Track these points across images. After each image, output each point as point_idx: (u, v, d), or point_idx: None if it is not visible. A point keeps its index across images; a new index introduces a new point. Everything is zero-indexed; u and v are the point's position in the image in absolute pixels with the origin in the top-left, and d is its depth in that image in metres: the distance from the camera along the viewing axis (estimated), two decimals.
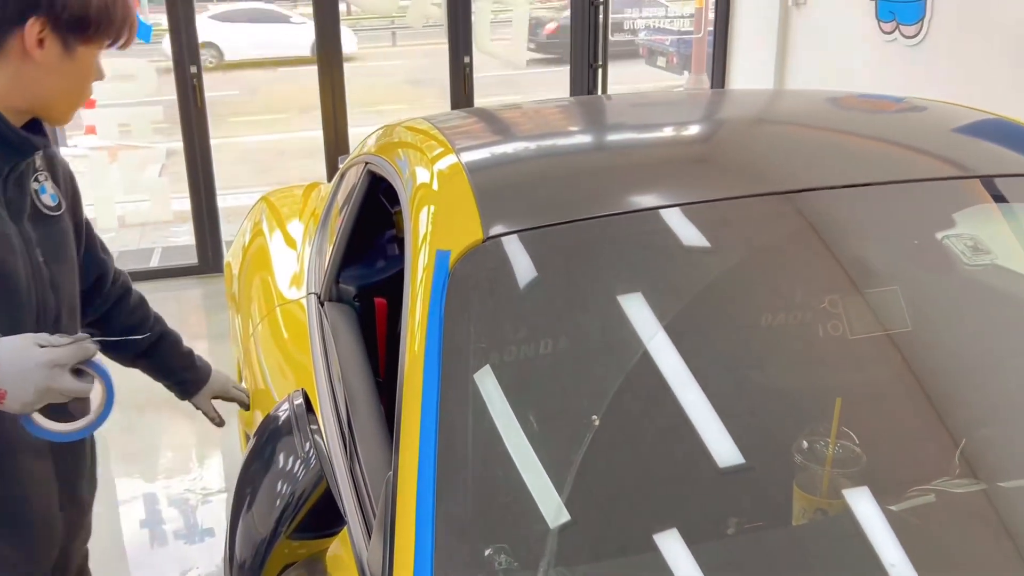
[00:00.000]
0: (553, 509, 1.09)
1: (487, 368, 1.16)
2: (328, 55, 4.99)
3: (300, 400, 1.13)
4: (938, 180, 1.51)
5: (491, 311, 1.25)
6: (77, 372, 1.14)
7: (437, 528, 1.01)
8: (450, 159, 1.54)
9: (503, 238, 1.30)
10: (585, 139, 1.87)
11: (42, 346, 1.11)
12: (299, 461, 1.06)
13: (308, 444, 1.07)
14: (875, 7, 4.40)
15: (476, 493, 1.08)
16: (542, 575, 1.03)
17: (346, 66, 5.12)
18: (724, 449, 1.21)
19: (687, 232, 1.39)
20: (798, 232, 1.43)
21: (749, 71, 5.38)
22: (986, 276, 1.35)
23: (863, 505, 1.17)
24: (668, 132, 1.89)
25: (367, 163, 1.93)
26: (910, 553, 1.09)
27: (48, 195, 1.32)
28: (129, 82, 4.68)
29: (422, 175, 1.55)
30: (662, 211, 1.39)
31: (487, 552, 1.05)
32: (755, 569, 1.13)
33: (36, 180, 1.31)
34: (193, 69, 4.75)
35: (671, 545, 1.11)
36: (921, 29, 4.14)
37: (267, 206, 2.86)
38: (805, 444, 1.23)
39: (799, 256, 1.41)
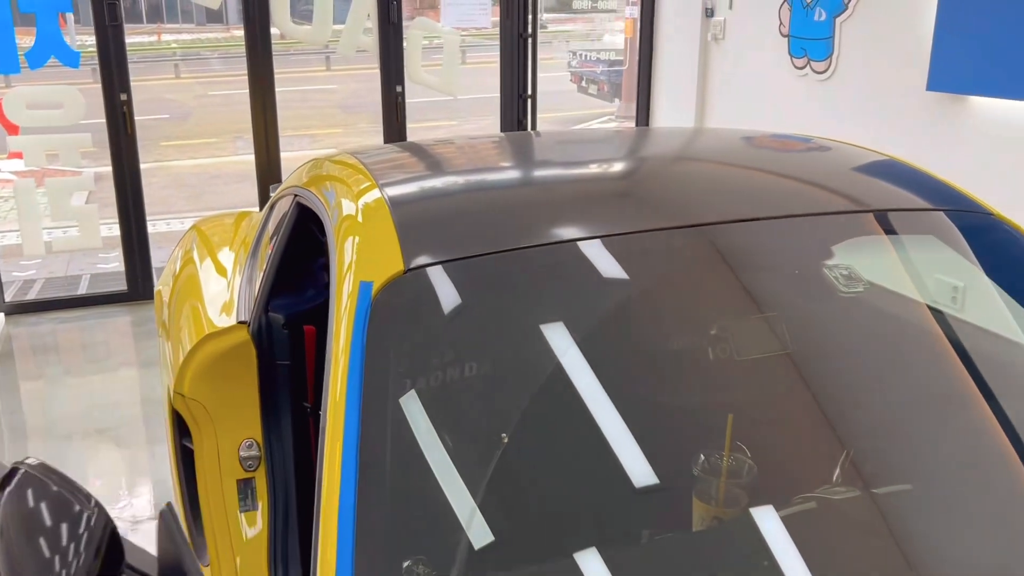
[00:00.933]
0: (469, 522, 1.17)
1: (406, 393, 1.24)
2: (260, 80, 5.03)
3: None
4: (831, 214, 1.64)
5: (410, 339, 1.33)
6: None
7: (358, 543, 1.08)
8: (374, 193, 1.62)
9: (423, 269, 1.37)
10: (505, 174, 1.97)
11: None
12: None
13: None
14: (787, 43, 4.64)
15: (395, 509, 1.16)
16: None
17: (279, 91, 5.17)
18: (632, 464, 1.30)
19: (598, 262, 1.48)
20: (702, 263, 1.54)
21: (673, 101, 5.59)
22: (862, 300, 1.48)
23: (753, 512, 1.27)
24: (587, 169, 1.99)
25: (296, 195, 2.00)
26: (795, 553, 1.20)
27: None
28: (56, 108, 4.64)
29: (347, 207, 1.62)
30: (575, 243, 1.49)
31: (406, 564, 1.13)
32: (658, 573, 1.22)
33: None
34: (123, 96, 4.75)
35: (582, 553, 1.20)
36: (830, 65, 4.38)
37: (198, 234, 2.90)
38: (702, 458, 1.33)
39: (700, 285, 1.52)
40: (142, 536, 2.97)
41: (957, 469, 1.38)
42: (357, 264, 1.41)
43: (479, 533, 1.17)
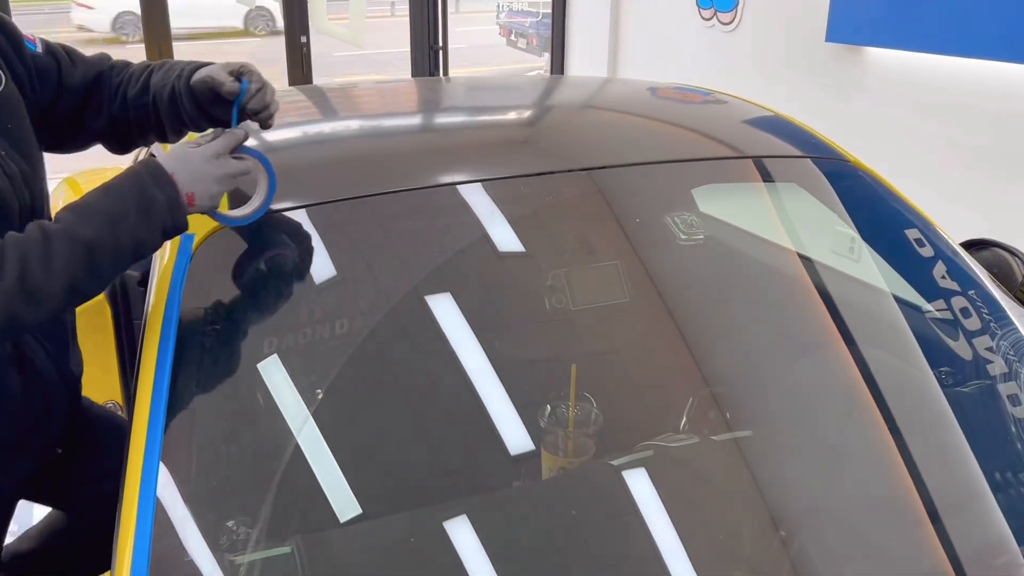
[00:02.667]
0: (288, 478, 1.13)
1: (223, 349, 1.19)
2: (155, 31, 4.82)
3: None
4: (694, 161, 1.64)
5: (229, 294, 1.28)
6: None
7: (160, 505, 1.03)
8: None
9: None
10: (370, 122, 1.90)
11: (194, 147, 1.20)
12: None
13: None
14: None
15: (206, 467, 1.11)
16: (261, 543, 1.07)
17: (193, 44, 4.95)
18: (476, 417, 1.28)
19: (441, 213, 1.44)
20: (557, 210, 1.51)
21: (587, 52, 5.54)
22: (707, 247, 1.47)
23: (594, 463, 1.28)
24: (466, 116, 1.94)
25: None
26: (635, 499, 1.20)
27: None
28: None
29: None
30: (419, 191, 1.44)
31: (229, 524, 1.09)
32: (505, 522, 1.21)
33: None
34: None
35: (422, 509, 1.18)
36: (735, 16, 4.37)
37: (70, 188, 2.77)
38: (548, 409, 1.31)
39: (550, 232, 1.49)
40: None
41: (804, 413, 1.38)
42: None
43: (300, 492, 1.14)
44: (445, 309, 1.31)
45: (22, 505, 1.49)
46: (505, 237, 1.41)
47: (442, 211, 1.41)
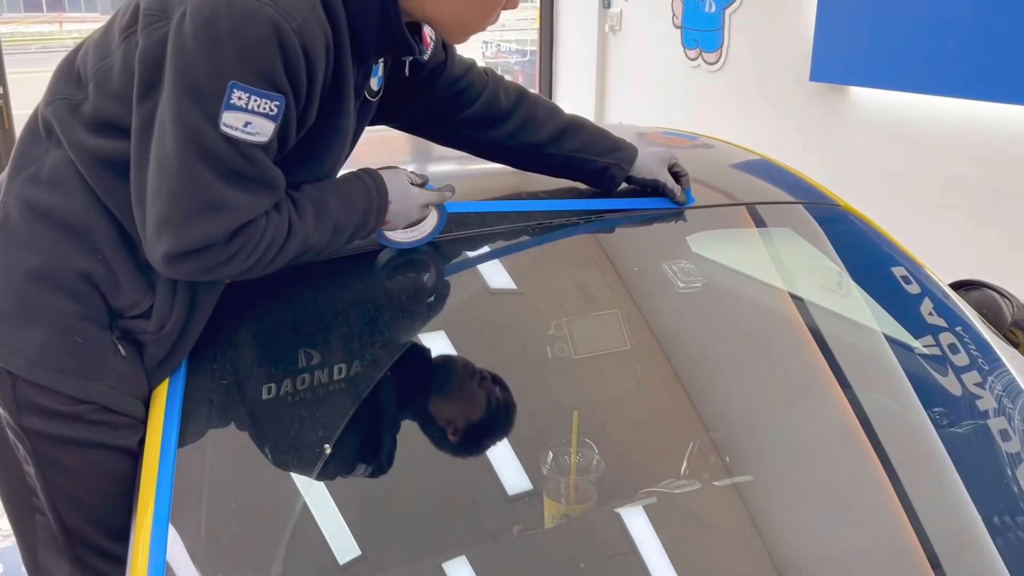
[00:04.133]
0: (292, 531, 1.14)
1: (228, 402, 1.20)
2: None
3: None
4: (705, 208, 1.67)
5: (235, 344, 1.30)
6: None
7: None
8: None
9: None
10: None
11: (413, 184, 1.32)
12: None
13: None
14: (681, 35, 4.69)
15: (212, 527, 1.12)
16: None
17: None
18: (479, 466, 1.30)
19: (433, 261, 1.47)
20: (553, 260, 1.54)
21: (575, 91, 5.61)
22: (706, 294, 1.49)
23: (597, 510, 1.29)
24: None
25: None
26: (635, 548, 1.21)
27: (377, 78, 1.32)
28: None
29: None
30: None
31: None
32: (510, 571, 1.22)
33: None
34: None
35: (424, 559, 1.18)
36: (720, 56, 4.45)
37: None
38: (551, 455, 1.32)
39: (545, 282, 1.52)
40: None
41: (803, 458, 1.39)
42: None
43: (306, 542, 1.14)
44: (448, 357, 1.33)
45: None
46: (506, 286, 1.43)
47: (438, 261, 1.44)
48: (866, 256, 1.73)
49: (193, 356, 1.26)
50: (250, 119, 1.06)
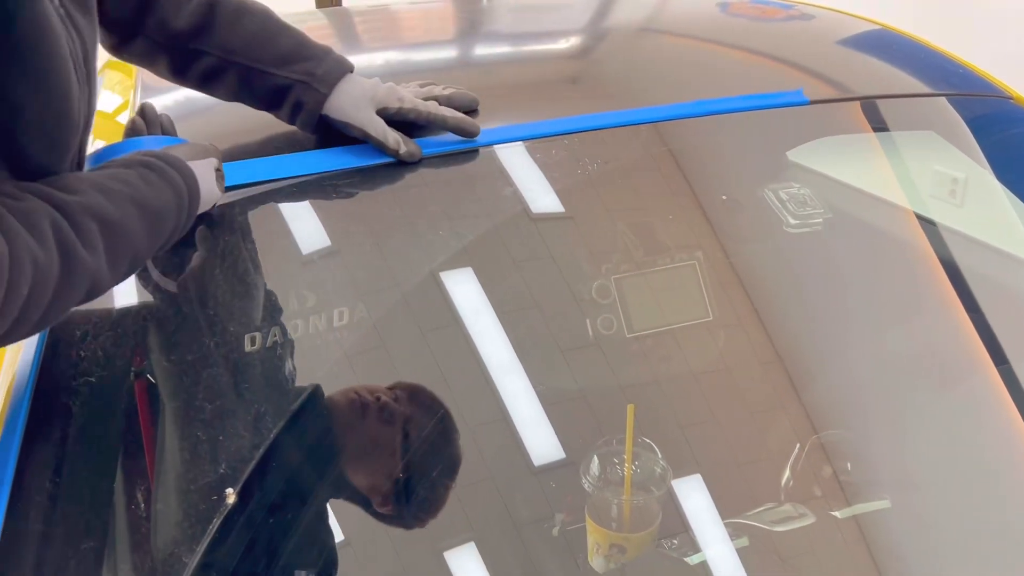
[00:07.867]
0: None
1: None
2: None
3: None
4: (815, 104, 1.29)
5: None
6: None
7: None
8: None
9: None
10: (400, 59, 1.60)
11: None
12: None
13: None
14: None
15: None
16: None
17: None
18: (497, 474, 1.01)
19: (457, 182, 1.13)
20: (607, 174, 1.17)
21: None
22: (822, 235, 1.13)
23: (668, 542, 1.00)
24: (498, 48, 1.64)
25: None
26: None
27: None
28: None
29: None
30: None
31: None
32: None
33: None
34: None
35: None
36: None
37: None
38: (596, 462, 1.03)
39: (597, 209, 1.15)
40: None
41: (968, 480, 1.06)
42: None
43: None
44: (457, 310, 1.02)
45: None
46: (535, 215, 1.07)
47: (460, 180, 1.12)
48: None
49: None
50: None
